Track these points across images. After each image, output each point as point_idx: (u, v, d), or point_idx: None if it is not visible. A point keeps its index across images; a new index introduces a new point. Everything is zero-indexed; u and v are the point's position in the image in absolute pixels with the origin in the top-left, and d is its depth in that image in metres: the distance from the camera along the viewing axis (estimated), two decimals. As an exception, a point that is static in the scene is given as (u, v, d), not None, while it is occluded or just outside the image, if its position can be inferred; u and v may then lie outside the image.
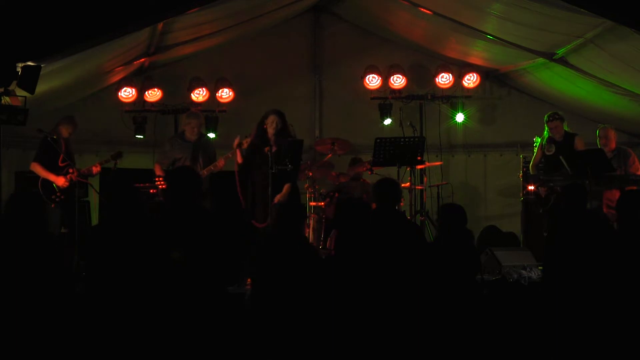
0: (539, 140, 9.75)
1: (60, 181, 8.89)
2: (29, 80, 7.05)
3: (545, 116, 9.38)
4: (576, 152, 9.09)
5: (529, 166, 9.97)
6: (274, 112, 8.57)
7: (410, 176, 9.35)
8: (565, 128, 9.35)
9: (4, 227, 5.45)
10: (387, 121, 11.13)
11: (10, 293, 5.09)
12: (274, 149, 8.38)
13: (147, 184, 8.91)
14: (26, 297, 5.12)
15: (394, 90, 11.15)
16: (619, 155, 9.29)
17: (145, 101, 10.79)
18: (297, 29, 11.69)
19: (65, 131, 9.11)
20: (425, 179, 10.51)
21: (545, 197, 9.08)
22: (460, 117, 11.30)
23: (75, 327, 5.31)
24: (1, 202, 7.83)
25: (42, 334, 5.14)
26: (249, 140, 8.52)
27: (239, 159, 8.56)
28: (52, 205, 8.82)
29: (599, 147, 9.19)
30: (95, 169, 9.11)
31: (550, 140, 9.29)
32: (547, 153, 9.24)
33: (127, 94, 10.68)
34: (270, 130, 8.46)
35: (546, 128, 9.34)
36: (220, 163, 8.86)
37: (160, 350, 5.55)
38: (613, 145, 9.34)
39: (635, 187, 8.88)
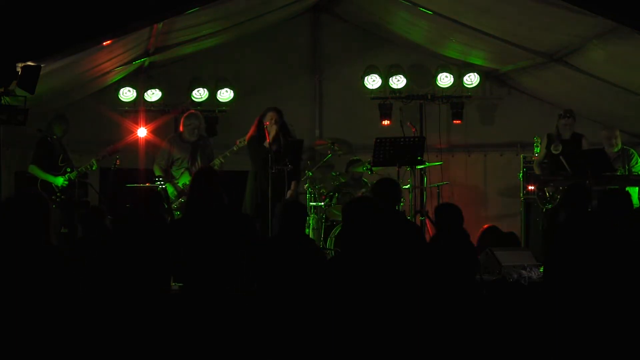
0: (539, 140, 9.73)
1: (59, 181, 8.89)
2: (29, 80, 7.03)
3: (560, 113, 9.35)
4: (576, 152, 9.08)
5: (530, 166, 9.95)
6: (272, 110, 8.67)
7: (411, 176, 9.35)
8: None
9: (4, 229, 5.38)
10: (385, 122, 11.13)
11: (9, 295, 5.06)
12: (273, 147, 8.48)
13: (147, 184, 8.92)
14: (25, 297, 5.10)
15: (394, 90, 11.13)
16: (623, 155, 9.28)
17: (145, 101, 10.78)
18: (297, 29, 11.68)
19: (59, 130, 9.11)
20: (425, 179, 10.50)
21: (551, 196, 9.05)
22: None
23: (74, 327, 5.29)
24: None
25: (42, 333, 5.13)
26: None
27: None
28: (53, 206, 8.82)
29: (604, 147, 9.18)
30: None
31: (557, 138, 9.26)
32: (554, 152, 9.23)
33: (127, 94, 10.67)
34: (271, 127, 8.55)
35: (556, 125, 9.31)
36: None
37: (161, 350, 5.55)
38: (618, 146, 9.33)
39: (637, 187, 8.91)
